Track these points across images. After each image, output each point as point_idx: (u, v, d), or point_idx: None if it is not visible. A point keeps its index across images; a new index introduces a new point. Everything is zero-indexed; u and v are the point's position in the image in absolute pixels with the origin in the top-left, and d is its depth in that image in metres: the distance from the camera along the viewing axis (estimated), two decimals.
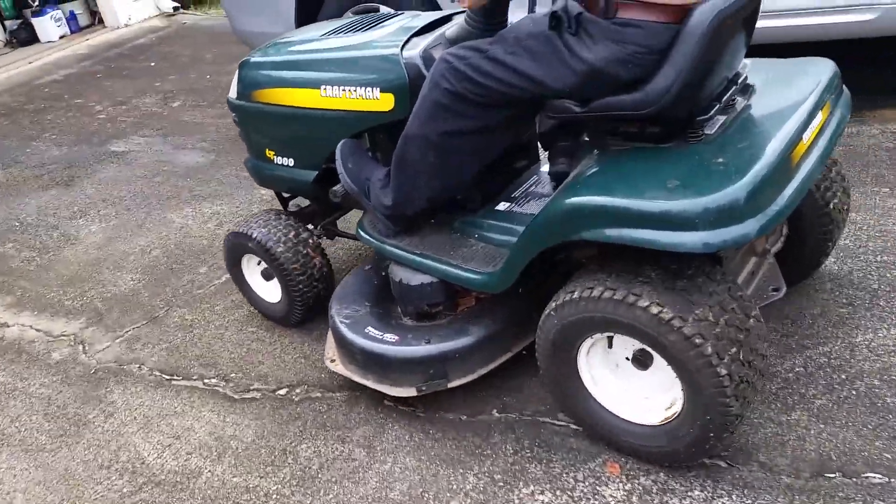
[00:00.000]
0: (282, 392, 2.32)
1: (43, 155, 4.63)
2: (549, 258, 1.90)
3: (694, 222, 1.46)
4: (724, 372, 1.55)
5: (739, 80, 1.79)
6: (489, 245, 2.03)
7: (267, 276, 2.52)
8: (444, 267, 1.98)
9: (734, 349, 1.57)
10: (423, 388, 2.02)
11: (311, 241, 2.42)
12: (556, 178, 2.01)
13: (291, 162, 2.37)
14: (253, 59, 2.37)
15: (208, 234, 3.36)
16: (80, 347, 2.71)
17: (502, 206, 2.15)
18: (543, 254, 1.78)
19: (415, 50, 2.02)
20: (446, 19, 2.20)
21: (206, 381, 2.43)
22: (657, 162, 1.65)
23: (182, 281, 2.98)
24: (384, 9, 3.91)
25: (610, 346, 1.80)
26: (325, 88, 2.14)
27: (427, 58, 1.98)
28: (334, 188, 2.21)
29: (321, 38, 2.31)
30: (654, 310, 1.58)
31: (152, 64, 6.24)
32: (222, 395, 2.35)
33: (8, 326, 2.92)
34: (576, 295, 1.68)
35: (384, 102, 2.04)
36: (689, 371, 1.60)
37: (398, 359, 2.02)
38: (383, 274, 2.23)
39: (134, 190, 3.94)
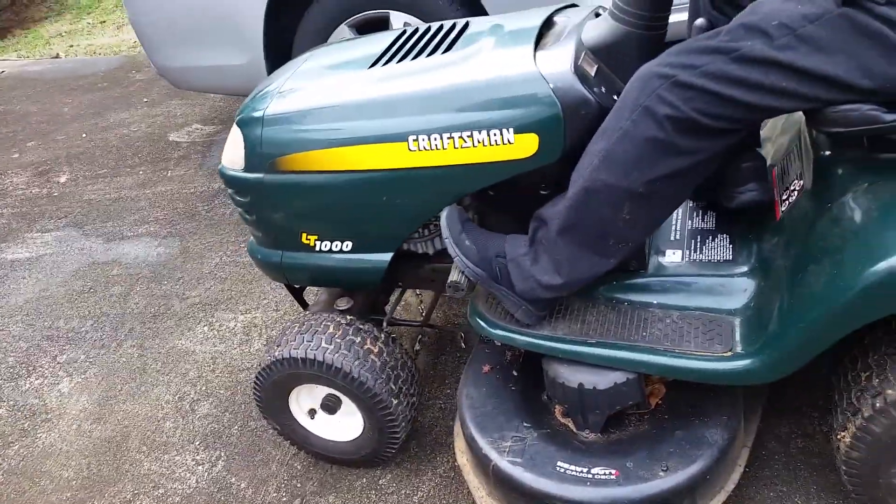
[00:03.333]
0: None
1: None
2: None
3: None
4: None
5: None
6: (687, 313, 1.59)
7: (330, 408, 1.87)
8: (649, 357, 1.53)
9: None
10: None
11: (393, 346, 1.85)
12: (739, 207, 1.67)
13: (349, 246, 1.80)
14: (269, 113, 1.73)
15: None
16: None
17: (673, 255, 1.72)
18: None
19: (558, 66, 1.50)
20: (548, 21, 1.70)
21: None
22: None
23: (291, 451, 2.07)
24: (397, 20, 2.97)
25: None
26: (414, 139, 1.58)
27: (583, 76, 1.48)
28: (453, 280, 1.67)
29: (371, 69, 1.72)
30: None
31: None
32: None
33: None
34: None
35: (522, 147, 1.52)
36: None
37: (633, 503, 1.51)
38: (515, 373, 1.80)
39: (88, 313, 2.96)
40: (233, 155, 1.81)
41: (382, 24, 2.98)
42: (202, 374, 2.46)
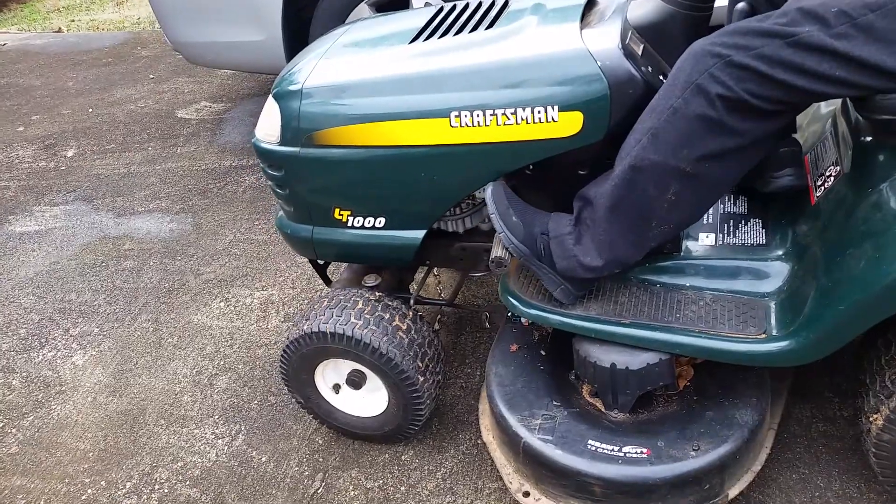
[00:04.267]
0: None
1: None
2: None
3: None
4: None
5: None
6: (720, 296, 1.61)
7: (355, 383, 1.88)
8: (683, 339, 1.53)
9: None
10: None
11: (421, 324, 1.86)
12: (775, 192, 1.68)
13: (381, 222, 1.79)
14: (307, 86, 1.72)
15: (280, 337, 2.49)
16: None
17: (706, 239, 1.72)
18: None
19: (606, 44, 1.49)
20: (590, 0, 1.70)
21: None
22: None
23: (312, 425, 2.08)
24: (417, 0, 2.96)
25: None
26: (456, 115, 1.56)
27: (631, 55, 1.48)
28: (497, 255, 1.65)
29: (412, 44, 1.71)
30: None
31: None
32: None
33: None
34: None
35: (566, 125, 1.50)
36: None
37: (665, 482, 1.53)
38: (543, 353, 1.82)
39: (100, 286, 2.94)
40: (268, 128, 1.78)
41: (402, 4, 2.96)
42: (219, 349, 2.46)
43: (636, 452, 1.55)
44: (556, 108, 1.49)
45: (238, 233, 3.08)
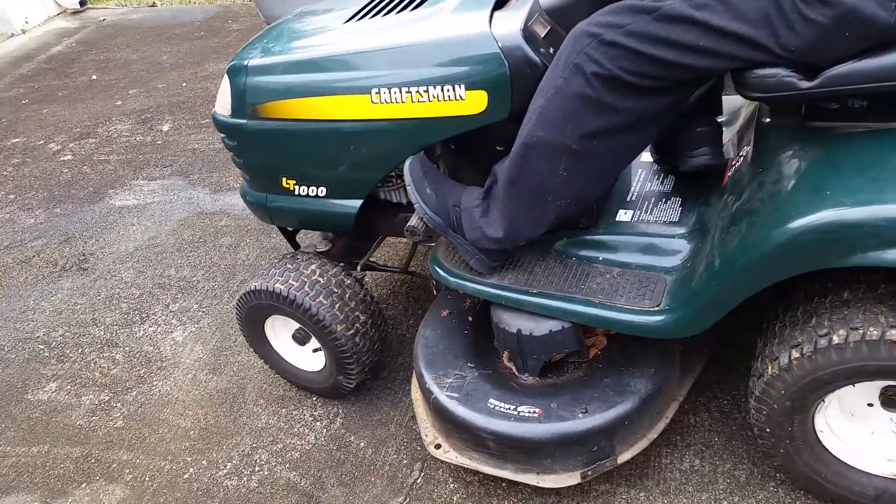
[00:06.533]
0: None
1: (11, 227, 3.35)
2: None
3: None
4: None
5: None
6: (627, 270, 1.69)
7: (301, 339, 2.07)
8: (582, 308, 1.61)
9: None
10: (590, 473, 1.65)
11: (358, 288, 2.00)
12: (692, 171, 1.74)
13: (323, 191, 1.94)
14: (252, 63, 1.88)
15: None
16: None
17: (624, 215, 1.81)
18: None
19: (509, 27, 1.59)
20: None
21: None
22: None
23: (409, 412, 2.10)
24: None
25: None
26: (377, 92, 1.69)
27: (531, 37, 1.57)
28: (411, 224, 1.78)
29: (346, 24, 1.85)
30: None
31: (94, 77, 4.92)
32: None
33: None
34: (814, 347, 1.37)
35: (472, 104, 1.62)
36: None
37: (551, 440, 1.62)
38: (470, 319, 1.92)
39: (199, 262, 2.98)
40: (223, 101, 1.94)
41: None
42: None
43: (529, 412, 1.64)
44: (462, 86, 1.60)
45: None
